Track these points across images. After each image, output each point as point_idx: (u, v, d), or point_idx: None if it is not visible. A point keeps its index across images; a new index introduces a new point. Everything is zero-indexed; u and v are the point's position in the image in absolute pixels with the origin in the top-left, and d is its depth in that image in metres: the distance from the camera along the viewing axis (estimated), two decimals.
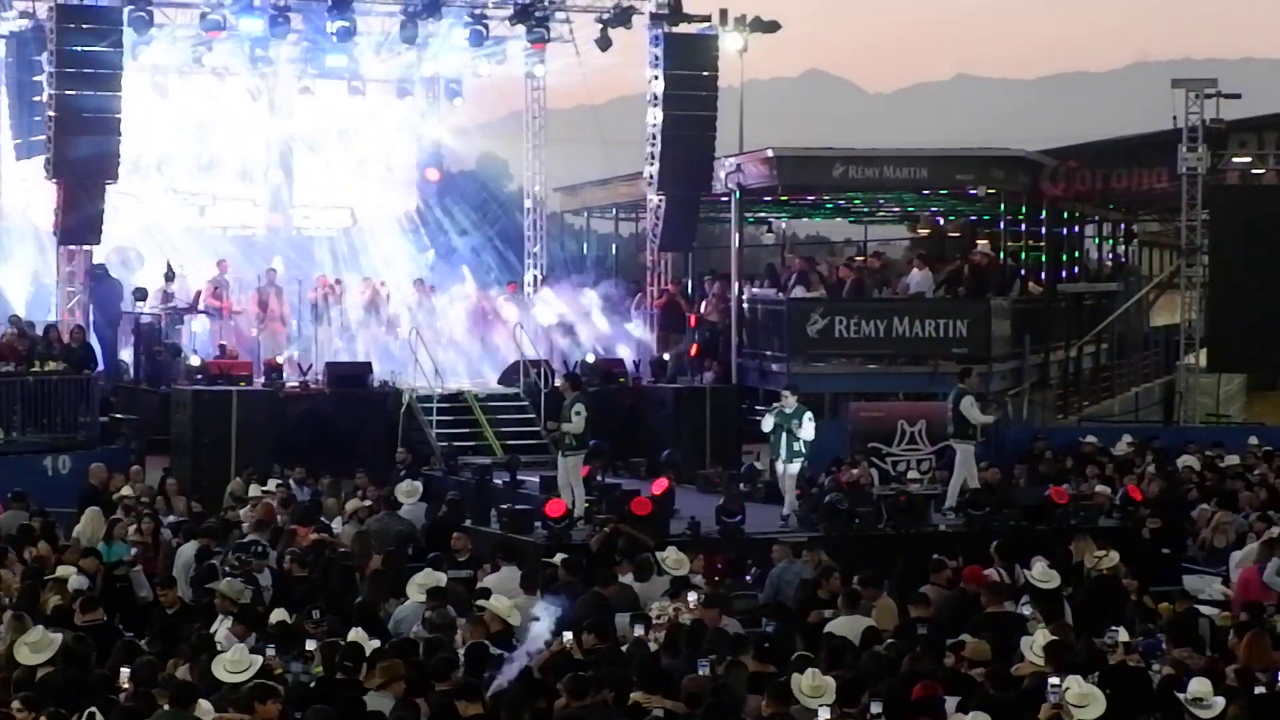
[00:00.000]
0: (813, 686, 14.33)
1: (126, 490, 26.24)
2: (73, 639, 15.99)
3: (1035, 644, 15.92)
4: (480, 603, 18.29)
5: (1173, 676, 15.49)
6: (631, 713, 14.43)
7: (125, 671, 15.11)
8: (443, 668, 14.99)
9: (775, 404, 26.52)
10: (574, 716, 13.67)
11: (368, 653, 15.58)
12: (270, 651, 15.51)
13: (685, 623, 17.81)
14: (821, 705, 13.97)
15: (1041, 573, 19.84)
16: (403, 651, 15.75)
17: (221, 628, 17.48)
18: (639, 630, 17.43)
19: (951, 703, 14.48)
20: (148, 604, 20.44)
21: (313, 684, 15.02)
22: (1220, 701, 14.27)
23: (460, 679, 14.68)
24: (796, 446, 25.73)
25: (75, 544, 22.50)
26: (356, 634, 16.44)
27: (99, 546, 22.21)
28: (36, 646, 15.52)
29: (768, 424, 26.02)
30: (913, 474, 30.17)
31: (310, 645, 15.79)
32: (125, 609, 20.26)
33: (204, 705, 14.00)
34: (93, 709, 13.55)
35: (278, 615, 17.45)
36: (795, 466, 25.88)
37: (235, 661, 14.68)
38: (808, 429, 25.82)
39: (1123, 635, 16.22)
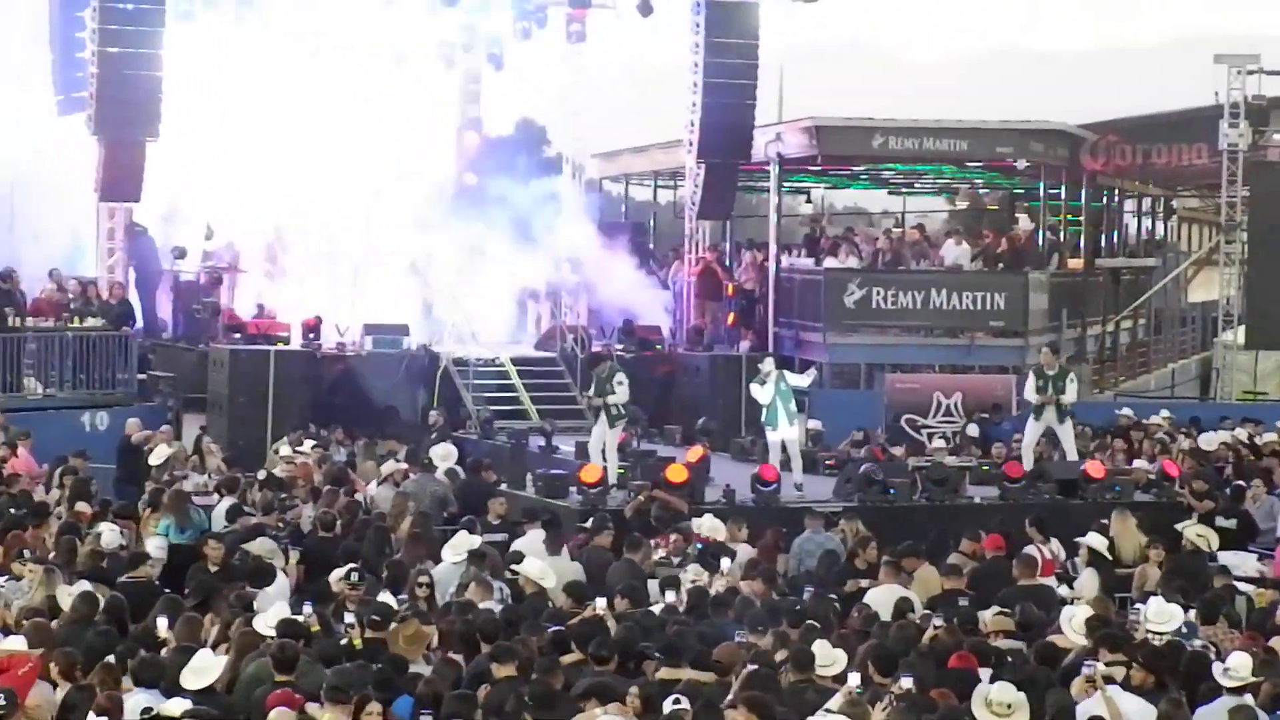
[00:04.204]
0: (822, 655, 14.40)
1: (164, 448, 26.17)
2: (110, 597, 16.07)
3: (1075, 618, 15.91)
4: (514, 566, 18.36)
5: (1202, 651, 15.43)
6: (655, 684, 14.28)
7: (162, 622, 15.20)
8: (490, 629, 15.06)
9: (761, 372, 25.54)
10: (599, 683, 13.65)
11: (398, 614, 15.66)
12: (308, 609, 15.54)
13: (718, 589, 17.86)
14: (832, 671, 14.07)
15: (1097, 541, 20.26)
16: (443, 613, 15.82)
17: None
18: (670, 596, 17.45)
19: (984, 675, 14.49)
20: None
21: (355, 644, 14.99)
22: (1253, 677, 14.15)
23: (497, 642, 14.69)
24: (791, 408, 25.36)
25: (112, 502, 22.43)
26: (385, 596, 16.55)
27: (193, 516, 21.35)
28: (85, 599, 15.61)
29: (767, 394, 25.10)
30: (938, 443, 29.90)
31: (349, 617, 15.64)
32: None
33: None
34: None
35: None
36: (794, 431, 25.49)
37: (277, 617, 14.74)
38: (799, 379, 25.75)
39: (1153, 612, 16.05)
